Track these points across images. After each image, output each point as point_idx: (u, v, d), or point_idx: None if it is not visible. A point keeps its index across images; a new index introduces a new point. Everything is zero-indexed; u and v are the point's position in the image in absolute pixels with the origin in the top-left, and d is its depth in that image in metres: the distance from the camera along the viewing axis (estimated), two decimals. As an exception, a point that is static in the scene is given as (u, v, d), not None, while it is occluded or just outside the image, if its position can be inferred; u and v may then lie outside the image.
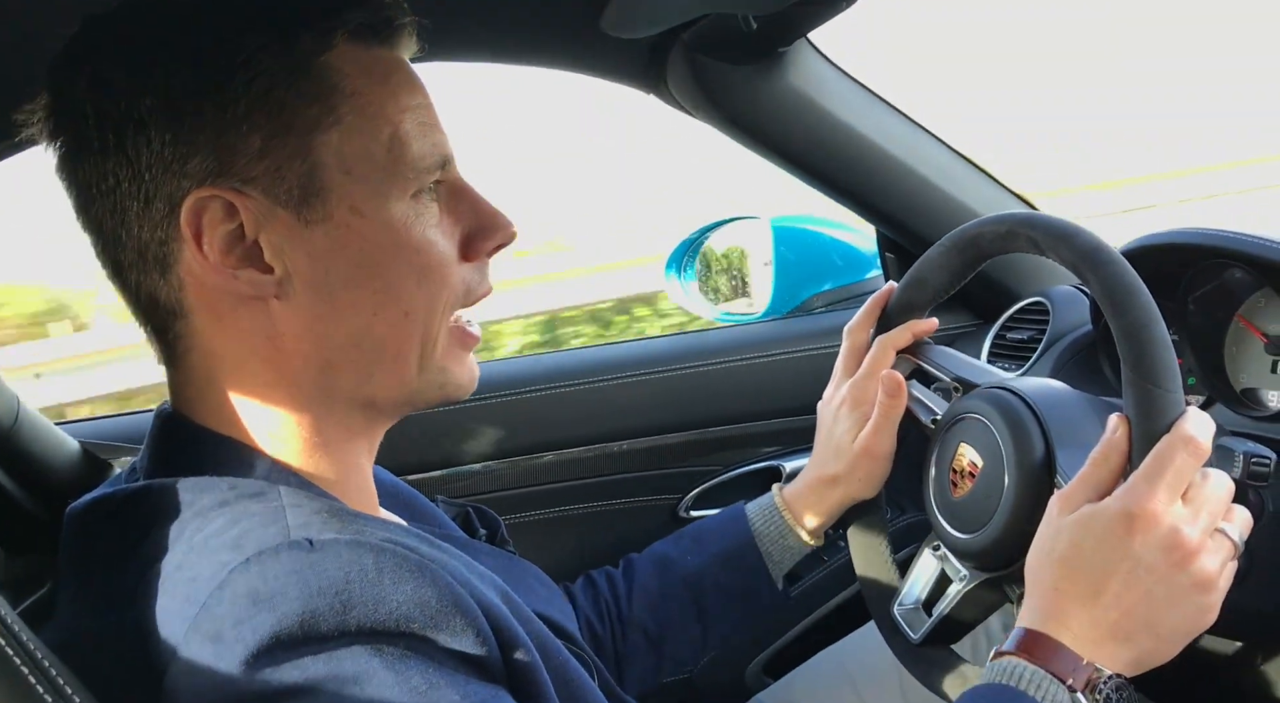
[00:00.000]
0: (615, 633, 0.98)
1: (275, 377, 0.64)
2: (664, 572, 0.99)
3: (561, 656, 0.67)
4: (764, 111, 1.16)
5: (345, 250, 0.63)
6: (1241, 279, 1.00)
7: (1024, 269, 1.29)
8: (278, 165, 0.61)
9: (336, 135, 0.62)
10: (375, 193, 0.63)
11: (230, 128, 0.60)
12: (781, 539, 0.99)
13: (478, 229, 0.68)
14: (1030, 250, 0.85)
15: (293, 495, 0.61)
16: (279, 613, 0.52)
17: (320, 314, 0.64)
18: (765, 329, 1.39)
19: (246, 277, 0.62)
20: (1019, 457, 0.79)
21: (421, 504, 0.86)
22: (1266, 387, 1.00)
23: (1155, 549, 0.64)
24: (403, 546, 0.58)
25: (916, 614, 0.91)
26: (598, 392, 1.28)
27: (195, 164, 0.60)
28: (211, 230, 0.61)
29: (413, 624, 0.54)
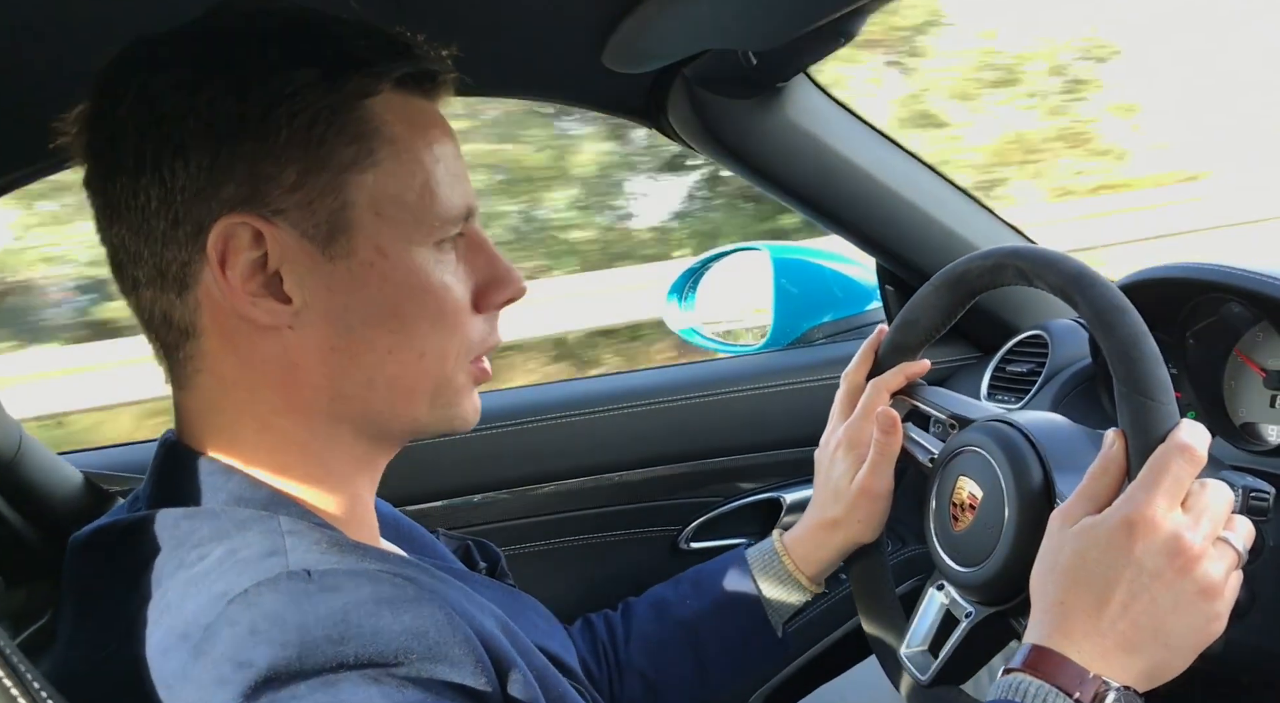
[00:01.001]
0: (613, 678, 0.97)
1: (284, 404, 0.65)
2: (662, 617, 0.99)
3: (561, 688, 0.66)
4: (764, 145, 1.17)
5: (366, 289, 0.64)
6: (1240, 314, 1.01)
7: (1022, 302, 1.30)
8: (310, 199, 0.62)
9: (372, 176, 0.63)
10: (402, 236, 0.64)
11: (268, 158, 0.61)
12: (781, 585, 0.98)
13: (491, 282, 0.70)
14: (1018, 282, 0.86)
15: (293, 526, 0.61)
16: (276, 645, 0.52)
17: (335, 347, 0.64)
18: (766, 361, 1.39)
19: (265, 305, 0.63)
20: (1018, 486, 0.79)
21: (421, 537, 0.86)
22: (1265, 421, 1.00)
23: (1158, 555, 0.64)
24: (402, 576, 0.58)
25: (923, 655, 0.90)
26: (598, 423, 1.28)
27: (229, 190, 0.61)
28: (236, 256, 0.61)
29: (411, 655, 0.54)
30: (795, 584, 0.98)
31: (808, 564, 0.98)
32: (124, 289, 0.66)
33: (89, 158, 0.64)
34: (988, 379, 1.26)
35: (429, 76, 0.66)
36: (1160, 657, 0.65)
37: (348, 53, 0.63)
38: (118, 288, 0.67)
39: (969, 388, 1.28)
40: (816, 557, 0.98)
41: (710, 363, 1.41)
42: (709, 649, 0.97)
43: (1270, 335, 0.98)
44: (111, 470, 0.95)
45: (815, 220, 1.26)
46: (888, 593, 0.98)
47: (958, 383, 1.31)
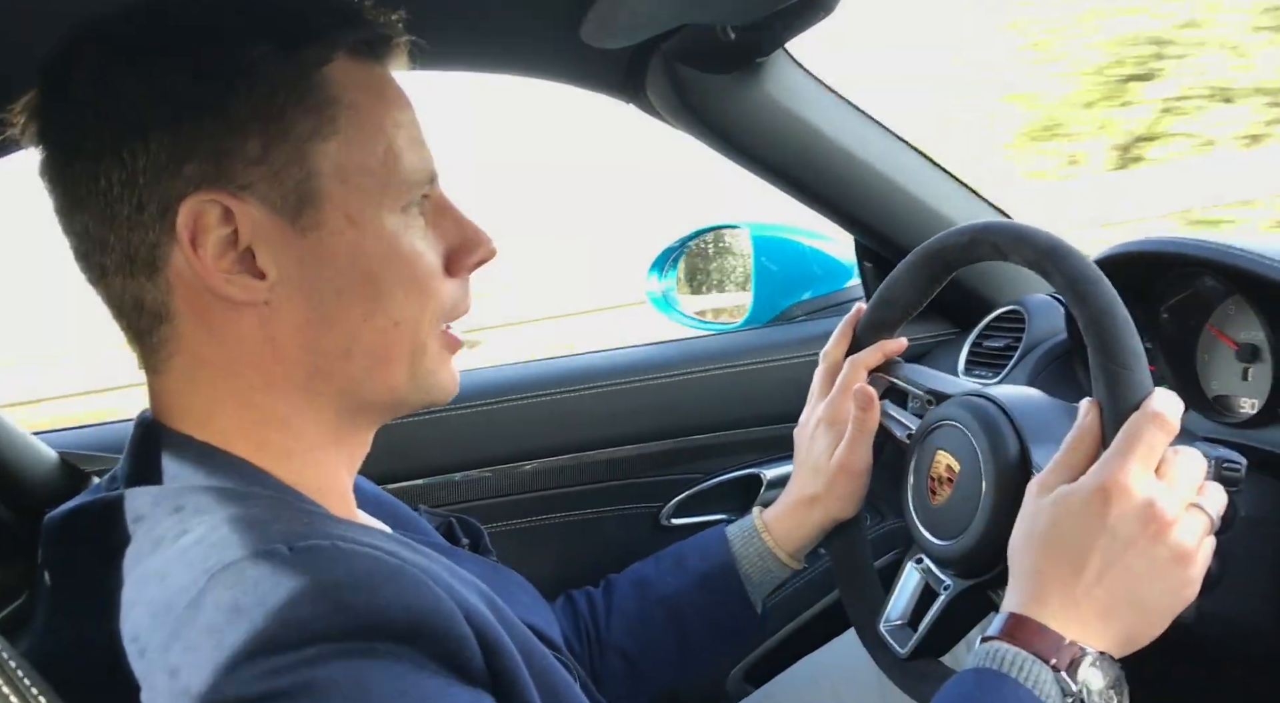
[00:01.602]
0: (594, 654, 0.98)
1: (262, 381, 0.65)
2: (643, 594, 0.99)
3: (546, 661, 0.67)
4: (742, 121, 1.17)
5: (338, 258, 0.63)
6: (1213, 287, 1.02)
7: (1000, 278, 1.30)
8: (275, 172, 0.61)
9: (334, 145, 0.63)
10: (370, 203, 0.64)
11: (229, 133, 0.60)
12: (761, 562, 0.99)
13: (461, 245, 0.70)
14: (993, 256, 0.87)
15: (273, 502, 0.61)
16: (258, 620, 0.51)
17: (310, 320, 0.64)
18: (746, 338, 1.39)
19: (240, 282, 0.62)
20: (995, 459, 0.80)
21: (404, 514, 0.86)
22: (1237, 394, 1.01)
23: (1132, 521, 0.65)
24: (384, 550, 0.58)
25: (902, 630, 0.91)
26: (579, 400, 1.28)
27: (192, 168, 0.60)
28: (206, 234, 0.61)
29: (395, 629, 0.54)
30: (775, 561, 0.99)
31: (787, 541, 0.99)
32: (91, 278, 0.65)
33: (43, 146, 0.63)
34: (965, 355, 1.27)
35: (383, 41, 0.66)
36: (1135, 622, 0.66)
37: (300, 22, 0.63)
38: (86, 278, 0.66)
39: (947, 363, 1.29)
40: (796, 534, 0.98)
41: (691, 340, 1.41)
42: (690, 626, 0.98)
43: (1243, 309, 1.00)
44: (87, 450, 0.94)
45: (794, 197, 1.26)
46: (866, 569, 0.99)
47: (936, 359, 1.32)
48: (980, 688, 0.64)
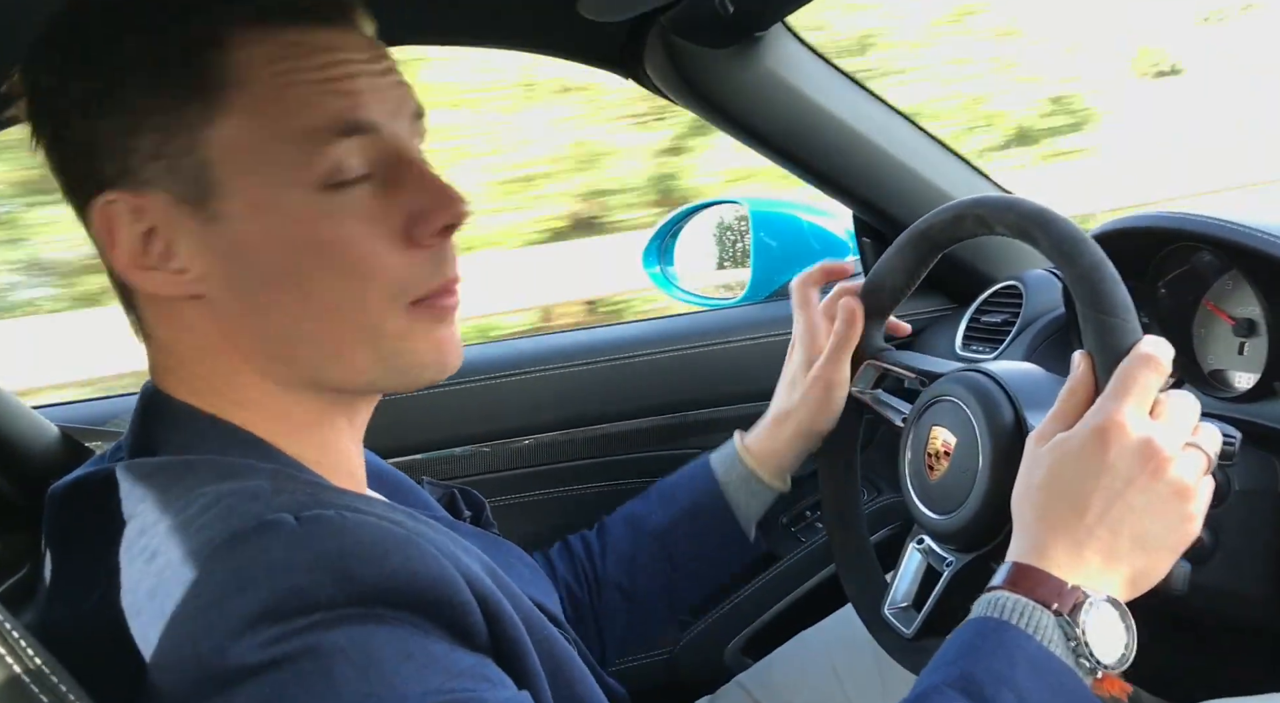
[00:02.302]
0: (592, 593, 1.00)
1: (227, 367, 0.64)
2: (634, 530, 1.01)
3: (547, 630, 0.67)
4: (741, 95, 1.16)
5: (253, 248, 0.60)
6: (1210, 262, 1.02)
7: (997, 253, 1.30)
8: (172, 163, 0.59)
9: (228, 129, 0.59)
10: (276, 184, 0.60)
11: (128, 130, 0.59)
12: (746, 486, 1.01)
13: (419, 211, 0.63)
14: (980, 230, 0.88)
15: (277, 473, 0.61)
16: (264, 589, 0.52)
17: (245, 311, 0.62)
18: (744, 313, 1.40)
19: (159, 277, 0.61)
20: (991, 429, 0.80)
21: (406, 486, 0.86)
22: (1233, 368, 1.02)
23: (1131, 460, 0.65)
24: (388, 519, 0.58)
25: (906, 612, 0.91)
26: (578, 376, 1.28)
27: (104, 167, 0.60)
28: (119, 233, 0.60)
29: (400, 596, 0.54)
30: (759, 483, 1.01)
31: (769, 461, 1.00)
32: None
33: None
34: (963, 330, 1.27)
35: (289, 8, 0.60)
36: (1140, 562, 0.66)
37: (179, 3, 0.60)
38: None
39: (945, 339, 1.29)
40: (773, 450, 1.00)
41: (690, 316, 1.41)
42: (681, 557, 1.00)
43: (1239, 284, 1.00)
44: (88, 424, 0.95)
45: (793, 172, 1.26)
46: (867, 553, 0.99)
47: (934, 334, 1.32)
48: (981, 636, 0.64)
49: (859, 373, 1.00)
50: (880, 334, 1.02)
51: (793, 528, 1.35)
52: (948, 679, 0.62)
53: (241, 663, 0.50)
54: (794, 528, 1.35)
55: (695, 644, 1.31)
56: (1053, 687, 0.61)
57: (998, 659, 0.62)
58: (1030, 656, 0.62)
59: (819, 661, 1.11)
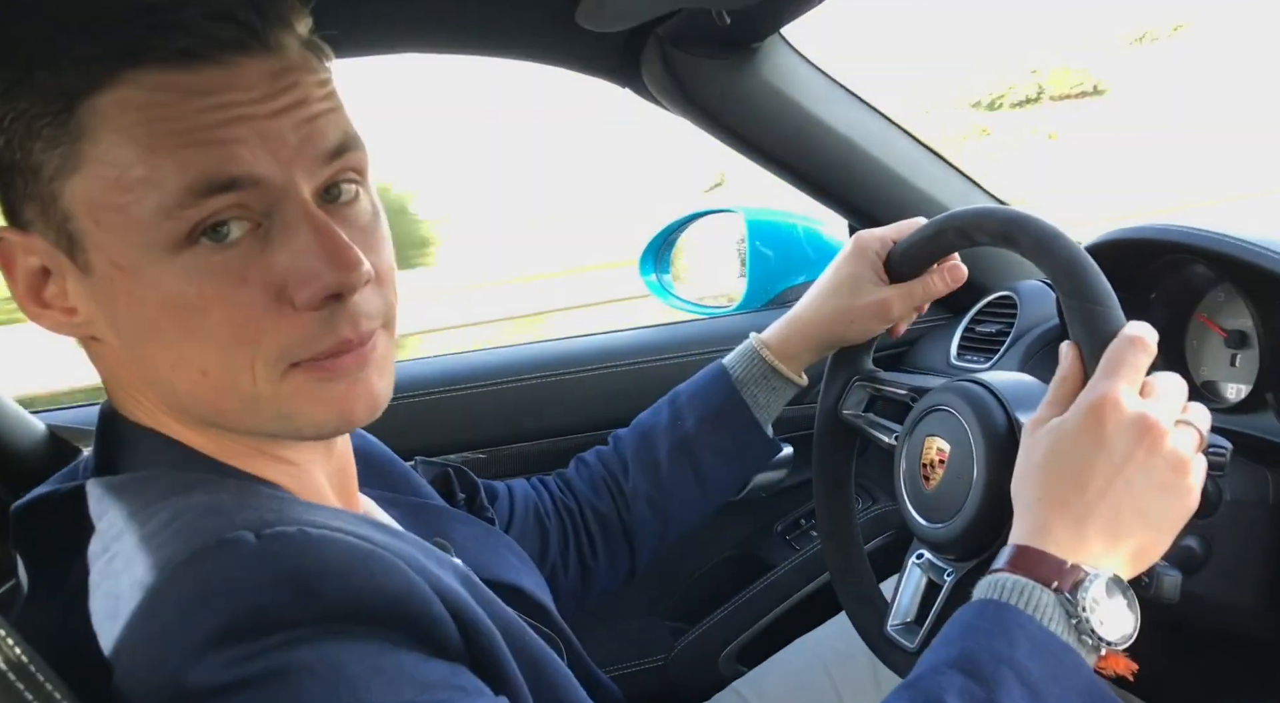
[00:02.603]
0: (620, 507, 1.01)
1: (150, 403, 0.63)
2: (655, 441, 1.02)
3: (527, 636, 0.66)
4: (739, 106, 1.17)
5: (119, 305, 0.58)
6: (1202, 274, 1.02)
7: (992, 264, 1.31)
8: (42, 211, 0.57)
9: (80, 181, 0.55)
10: (132, 244, 0.56)
11: (8, 170, 0.58)
12: (766, 381, 1.01)
13: (297, 275, 0.57)
14: (962, 242, 0.90)
15: (239, 489, 0.60)
16: (225, 608, 0.51)
17: (133, 359, 0.60)
18: (741, 321, 1.40)
19: (50, 316, 0.60)
20: (985, 434, 0.81)
21: (397, 470, 0.85)
22: (1225, 380, 1.02)
23: (1127, 434, 0.66)
24: (355, 534, 0.56)
25: (909, 629, 0.90)
26: (574, 383, 1.29)
27: None
28: (12, 268, 0.60)
29: (367, 614, 0.53)
30: (780, 378, 1.01)
31: (790, 358, 1.01)
32: None
33: None
34: (957, 339, 1.28)
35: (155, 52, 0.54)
36: (1142, 537, 0.66)
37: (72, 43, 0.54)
38: None
39: (940, 349, 1.30)
40: (798, 348, 1.01)
41: (686, 324, 1.41)
42: (705, 461, 1.01)
43: (1232, 296, 1.00)
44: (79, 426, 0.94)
45: (789, 181, 1.26)
46: (866, 577, 0.99)
47: (929, 344, 1.33)
48: (981, 617, 0.64)
49: (850, 395, 1.01)
50: (869, 357, 1.04)
51: (787, 536, 1.36)
52: (948, 659, 0.62)
53: (204, 684, 0.49)
54: (788, 536, 1.36)
55: (689, 652, 1.31)
56: (1053, 665, 0.61)
57: (997, 639, 0.62)
58: (1031, 635, 0.62)
59: (814, 668, 1.11)
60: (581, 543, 1.00)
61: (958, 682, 0.60)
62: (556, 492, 1.02)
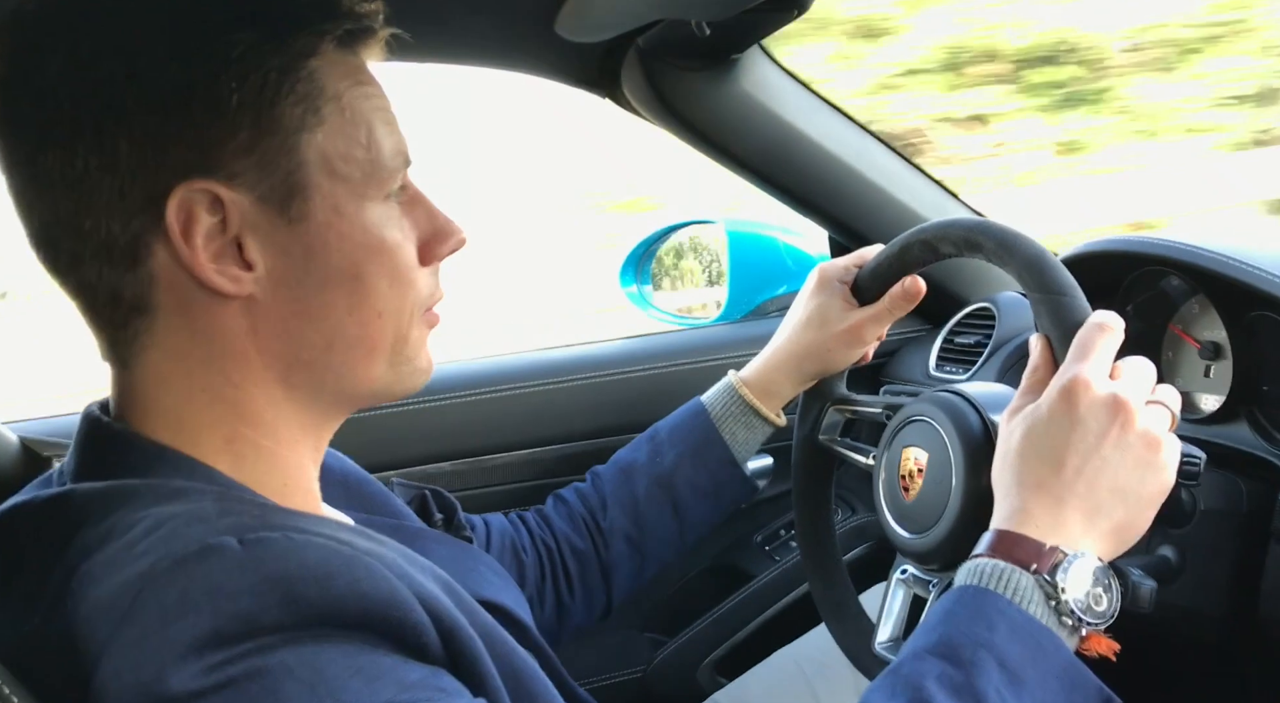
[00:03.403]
0: (598, 544, 1.01)
1: (240, 376, 0.64)
2: (632, 478, 1.03)
3: (508, 646, 0.66)
4: (717, 117, 1.17)
5: (326, 250, 0.63)
6: (1177, 286, 1.03)
7: (970, 275, 1.32)
8: (264, 163, 0.61)
9: (321, 135, 0.63)
10: (355, 193, 0.64)
11: (218, 122, 0.59)
12: (744, 419, 1.03)
13: (434, 234, 0.70)
14: (929, 256, 0.91)
15: (220, 496, 0.60)
16: (208, 614, 0.51)
17: (295, 312, 0.64)
18: (721, 333, 1.40)
19: (231, 273, 0.62)
20: (963, 440, 0.81)
21: (372, 491, 0.85)
22: (1200, 390, 1.03)
23: (1101, 412, 0.66)
24: (337, 539, 0.57)
25: (897, 644, 0.90)
26: (554, 394, 1.28)
27: (178, 157, 0.59)
28: (196, 224, 0.60)
29: (348, 618, 0.54)
30: (757, 416, 1.03)
31: (768, 395, 1.03)
32: (58, 266, 0.63)
33: (7, 130, 0.61)
34: (936, 351, 1.28)
35: (368, 32, 0.66)
36: (1120, 516, 0.67)
37: (287, 12, 0.62)
38: (47, 266, 0.63)
39: (919, 360, 1.30)
40: (774, 383, 1.03)
41: (666, 335, 1.41)
42: (683, 498, 1.02)
43: (1206, 308, 1.01)
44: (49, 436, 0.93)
45: (768, 193, 1.27)
46: (851, 601, 0.98)
47: (909, 355, 1.34)
48: (960, 603, 0.64)
49: (826, 420, 1.02)
50: (842, 382, 1.05)
51: (766, 547, 1.36)
52: (927, 645, 0.62)
53: (184, 689, 0.49)
54: (768, 547, 1.36)
55: (668, 663, 1.31)
56: (1032, 648, 0.62)
57: (976, 624, 0.62)
58: (1009, 618, 0.62)
59: (794, 679, 1.11)
60: (558, 579, 1.00)
61: (936, 668, 0.61)
62: (535, 528, 1.02)
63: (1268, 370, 0.94)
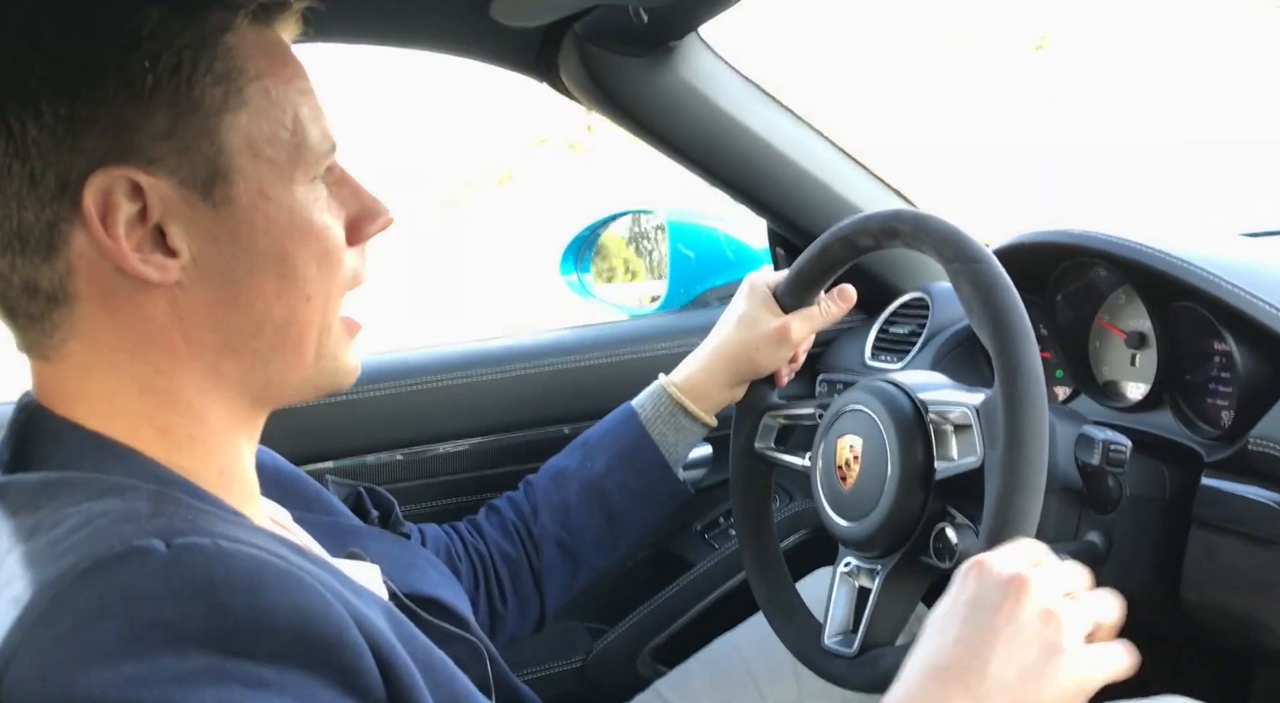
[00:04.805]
0: (529, 551, 1.01)
1: (168, 365, 0.62)
2: (563, 483, 1.02)
3: (449, 672, 0.64)
4: (655, 104, 1.17)
5: (252, 234, 0.62)
6: (1105, 277, 1.06)
7: (905, 265, 1.33)
8: (185, 146, 0.59)
9: (245, 117, 0.61)
10: (281, 176, 0.62)
11: (132, 104, 0.57)
12: (674, 420, 1.03)
13: (361, 214, 0.68)
14: (849, 254, 0.94)
15: (156, 496, 0.57)
16: (125, 619, 0.48)
17: (223, 299, 0.62)
18: (660, 322, 1.40)
19: (156, 261, 0.59)
20: (894, 420, 0.83)
21: (306, 488, 0.84)
22: (1126, 379, 1.06)
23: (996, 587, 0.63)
24: (273, 553, 0.55)
25: (846, 638, 0.89)
26: (491, 385, 1.27)
27: (91, 141, 0.57)
28: (116, 212, 0.58)
29: (279, 635, 0.51)
30: (687, 416, 1.03)
31: (699, 396, 1.03)
32: None
33: None
34: (871, 341, 1.30)
35: (281, 6, 0.64)
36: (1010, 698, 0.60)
37: None
38: None
39: (855, 350, 1.31)
40: (704, 385, 1.03)
41: (606, 325, 1.41)
42: (615, 502, 1.02)
43: (1132, 297, 1.04)
44: None
45: (706, 180, 1.26)
46: (796, 603, 0.98)
47: (844, 345, 1.35)
48: None
49: (760, 430, 1.03)
50: (773, 392, 1.06)
51: (705, 535, 1.36)
52: None
53: (93, 698, 0.47)
54: (707, 535, 1.36)
55: (607, 652, 1.31)
56: None
57: None
58: None
59: (734, 666, 1.11)
60: (491, 588, 1.00)
61: None
62: (467, 537, 1.01)
63: (1190, 359, 0.97)
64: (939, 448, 0.82)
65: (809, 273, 0.99)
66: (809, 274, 0.99)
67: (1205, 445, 0.91)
